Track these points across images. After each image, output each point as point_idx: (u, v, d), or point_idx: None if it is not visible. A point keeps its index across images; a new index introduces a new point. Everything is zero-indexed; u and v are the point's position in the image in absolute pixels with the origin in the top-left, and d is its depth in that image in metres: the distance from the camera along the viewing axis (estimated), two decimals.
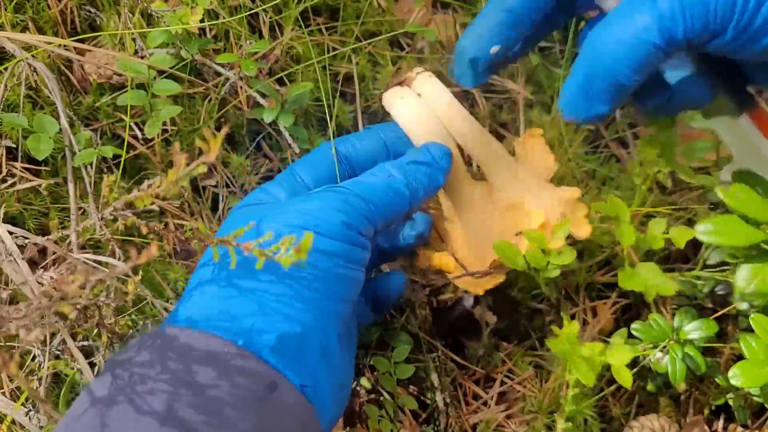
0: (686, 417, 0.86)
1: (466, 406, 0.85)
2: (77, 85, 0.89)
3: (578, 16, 0.72)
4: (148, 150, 0.86)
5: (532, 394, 0.85)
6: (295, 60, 0.94)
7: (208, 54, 0.88)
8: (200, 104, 0.88)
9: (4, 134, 0.83)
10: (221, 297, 0.55)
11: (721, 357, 0.85)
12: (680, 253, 0.95)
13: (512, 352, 0.87)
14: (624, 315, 0.90)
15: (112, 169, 0.87)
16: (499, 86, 1.04)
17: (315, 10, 0.98)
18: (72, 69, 0.89)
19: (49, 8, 0.87)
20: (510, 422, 0.84)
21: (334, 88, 0.94)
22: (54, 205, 0.83)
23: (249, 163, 0.90)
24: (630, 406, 0.87)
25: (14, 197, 0.81)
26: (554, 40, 1.02)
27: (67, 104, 0.84)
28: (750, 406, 0.81)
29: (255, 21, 0.93)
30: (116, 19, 0.89)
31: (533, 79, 1.04)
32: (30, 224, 0.82)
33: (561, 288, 0.89)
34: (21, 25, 0.87)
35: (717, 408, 0.85)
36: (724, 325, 0.86)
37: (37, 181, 0.83)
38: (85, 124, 0.87)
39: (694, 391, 0.86)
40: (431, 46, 1.02)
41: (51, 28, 0.88)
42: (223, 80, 0.88)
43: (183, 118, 0.87)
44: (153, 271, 0.82)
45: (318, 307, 0.56)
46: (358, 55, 0.98)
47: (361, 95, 0.98)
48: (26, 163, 0.84)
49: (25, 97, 0.83)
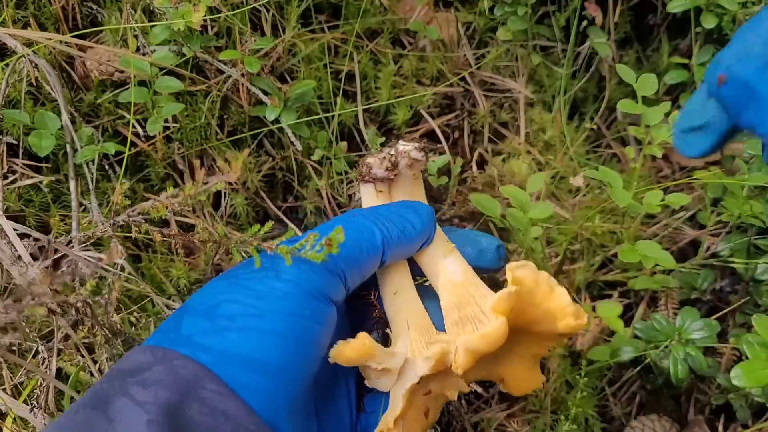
0: (687, 417, 0.86)
1: (468, 405, 0.85)
2: (79, 82, 0.88)
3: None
4: (149, 147, 0.86)
5: (533, 394, 0.85)
6: (297, 58, 0.94)
7: (210, 51, 0.88)
8: (202, 101, 0.88)
9: (6, 131, 0.83)
10: None
11: (722, 357, 0.86)
12: (680, 253, 0.96)
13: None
14: (625, 315, 0.90)
15: (114, 166, 0.86)
16: (500, 85, 1.04)
17: (317, 8, 0.98)
18: (73, 65, 0.88)
19: (51, 4, 0.87)
20: (511, 421, 0.84)
21: (336, 86, 0.94)
22: (55, 202, 0.83)
23: (251, 160, 0.90)
24: (631, 406, 0.87)
25: (15, 194, 0.81)
26: (556, 40, 1.02)
27: (68, 101, 0.83)
28: (750, 405, 0.81)
29: (257, 18, 0.93)
30: (118, 15, 0.88)
31: (534, 78, 1.04)
32: (31, 221, 0.82)
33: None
34: (22, 22, 0.86)
35: (717, 407, 0.86)
36: (725, 325, 0.86)
37: (38, 178, 0.82)
38: (87, 121, 0.86)
39: (695, 391, 0.86)
40: (433, 45, 1.02)
41: (52, 25, 0.88)
42: (225, 77, 0.88)
43: (185, 115, 0.87)
44: (155, 269, 0.82)
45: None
46: (359, 54, 0.98)
47: (362, 93, 0.98)
48: (27, 160, 0.83)
49: (27, 93, 0.83)
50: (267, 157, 0.92)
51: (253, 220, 0.91)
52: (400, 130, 0.99)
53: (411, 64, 1.00)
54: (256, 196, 0.91)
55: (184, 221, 0.87)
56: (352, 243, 0.58)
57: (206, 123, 0.88)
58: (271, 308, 0.53)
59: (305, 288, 0.55)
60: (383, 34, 1.01)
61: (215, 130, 0.89)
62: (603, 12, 0.99)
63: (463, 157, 1.00)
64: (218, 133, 0.89)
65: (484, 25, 1.03)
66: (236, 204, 0.89)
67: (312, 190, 0.92)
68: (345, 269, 0.58)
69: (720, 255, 0.87)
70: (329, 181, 0.92)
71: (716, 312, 0.87)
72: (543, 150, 1.00)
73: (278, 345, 0.52)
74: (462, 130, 1.02)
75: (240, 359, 0.51)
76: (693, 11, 0.91)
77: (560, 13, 1.00)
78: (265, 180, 0.92)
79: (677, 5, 0.91)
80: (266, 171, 0.91)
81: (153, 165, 0.88)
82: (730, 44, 0.52)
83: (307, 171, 0.93)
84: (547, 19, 1.02)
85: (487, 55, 1.04)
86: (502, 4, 0.97)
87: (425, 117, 1.00)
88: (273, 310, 0.53)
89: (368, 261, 0.59)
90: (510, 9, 0.97)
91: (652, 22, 1.08)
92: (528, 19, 0.97)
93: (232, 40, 0.89)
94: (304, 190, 0.93)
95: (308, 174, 0.93)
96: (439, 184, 0.94)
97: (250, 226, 0.91)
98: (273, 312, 0.53)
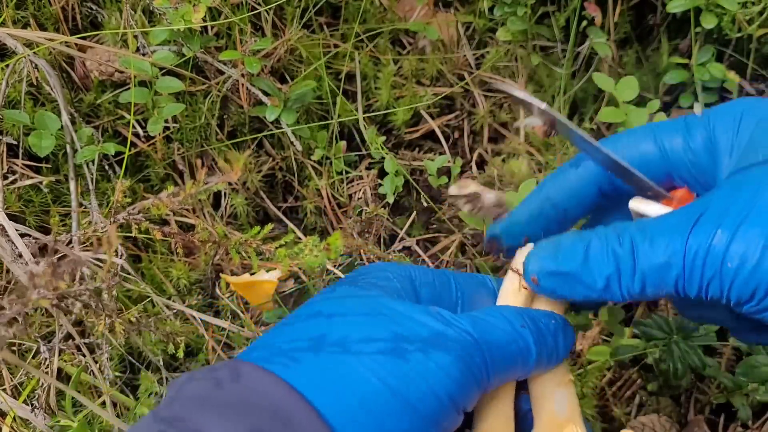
0: (687, 417, 0.86)
1: None
2: (79, 82, 0.88)
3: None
4: (149, 147, 0.86)
5: None
6: (298, 58, 0.94)
7: (210, 51, 0.88)
8: (202, 102, 0.88)
9: (6, 131, 0.83)
10: None
11: (722, 357, 0.86)
12: None
13: None
14: (624, 315, 0.90)
15: (114, 166, 0.86)
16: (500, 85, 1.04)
17: (317, 8, 0.98)
18: (73, 66, 0.88)
19: (51, 5, 0.87)
20: None
21: (336, 86, 0.94)
22: (55, 203, 0.83)
23: (251, 160, 0.90)
24: (631, 406, 0.87)
25: (15, 194, 0.81)
26: (555, 40, 1.02)
27: (68, 101, 0.83)
28: (751, 405, 0.82)
29: (257, 18, 0.93)
30: (118, 16, 0.88)
31: (534, 79, 1.04)
32: (31, 221, 0.82)
33: None
34: (22, 22, 0.86)
35: (717, 407, 0.86)
36: None
37: (38, 178, 0.82)
38: (87, 121, 0.86)
39: (695, 391, 0.86)
40: (433, 45, 1.02)
41: (52, 25, 0.88)
42: (225, 78, 0.88)
43: (185, 115, 0.87)
44: (155, 269, 0.82)
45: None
46: (359, 54, 0.98)
47: (362, 94, 0.98)
48: (27, 160, 0.83)
49: (27, 93, 0.83)
50: (267, 157, 0.92)
51: (254, 220, 0.91)
52: (400, 130, 0.99)
53: (411, 64, 1.00)
54: (256, 196, 0.91)
55: (184, 221, 0.87)
56: (502, 350, 0.48)
57: (206, 123, 0.88)
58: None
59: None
60: (383, 34, 1.01)
61: (215, 130, 0.89)
62: (603, 12, 0.99)
63: (463, 157, 1.00)
64: (218, 134, 0.89)
65: (483, 25, 1.04)
66: (236, 204, 0.89)
67: (312, 190, 0.93)
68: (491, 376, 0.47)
69: None
70: (329, 181, 0.92)
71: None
72: (543, 150, 1.00)
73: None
74: (462, 130, 1.02)
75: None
76: (693, 11, 0.91)
77: (560, 13, 1.00)
78: (265, 180, 0.92)
79: (677, 5, 0.91)
80: (266, 171, 0.91)
81: (153, 165, 0.88)
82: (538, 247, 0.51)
83: (307, 171, 0.93)
84: (547, 20, 1.02)
85: (486, 55, 1.04)
86: (501, 5, 0.97)
87: (425, 117, 1.00)
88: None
89: (512, 376, 0.50)
90: (510, 9, 0.97)
91: (652, 22, 1.08)
92: (528, 19, 0.97)
93: (233, 40, 0.89)
94: (304, 190, 0.93)
95: (308, 174, 0.93)
96: (439, 185, 0.94)
97: (250, 226, 0.91)
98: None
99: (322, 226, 0.93)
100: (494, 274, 0.88)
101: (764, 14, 0.92)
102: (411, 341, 0.44)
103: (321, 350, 0.44)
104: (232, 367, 0.43)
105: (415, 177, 0.96)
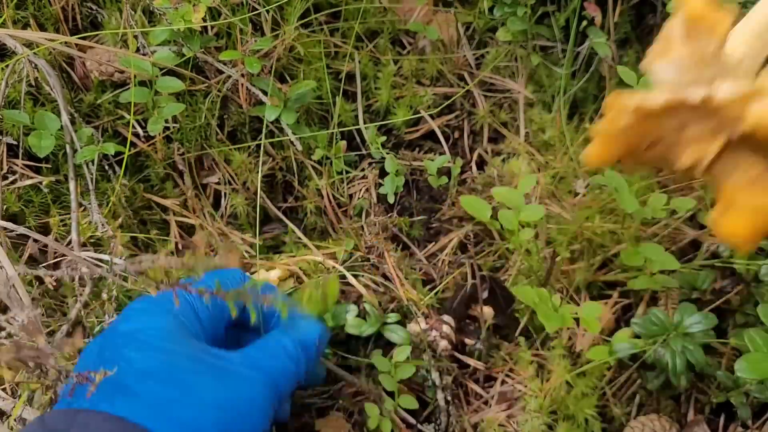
0: (687, 416, 0.86)
1: (467, 405, 0.85)
2: (78, 82, 0.88)
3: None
4: (149, 147, 0.86)
5: (533, 394, 0.85)
6: (297, 58, 0.94)
7: (209, 51, 0.88)
8: (202, 101, 0.88)
9: (6, 131, 0.83)
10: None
11: (722, 357, 0.85)
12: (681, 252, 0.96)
13: (513, 351, 0.87)
14: (625, 315, 0.90)
15: (114, 166, 0.86)
16: (500, 85, 1.04)
17: (317, 8, 0.98)
18: (73, 66, 0.89)
19: (51, 5, 0.87)
20: (511, 421, 0.84)
21: (336, 86, 0.94)
22: (55, 203, 0.83)
23: (251, 160, 0.90)
24: (630, 406, 0.86)
25: (15, 194, 0.81)
26: (555, 40, 1.02)
27: (68, 101, 0.83)
28: (751, 404, 0.81)
29: (257, 18, 0.93)
30: (118, 16, 0.88)
31: (534, 79, 1.04)
32: (31, 222, 0.81)
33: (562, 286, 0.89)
34: (22, 22, 0.86)
35: (717, 407, 0.85)
36: (725, 325, 0.86)
37: (38, 179, 0.82)
38: (87, 122, 0.86)
39: (695, 391, 0.86)
40: (433, 45, 1.02)
41: (52, 25, 0.88)
42: (225, 78, 0.88)
43: (185, 115, 0.87)
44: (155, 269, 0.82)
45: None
46: (359, 54, 0.98)
47: (362, 94, 0.98)
48: (27, 160, 0.83)
49: (27, 94, 0.83)
50: (267, 157, 0.92)
51: (253, 220, 0.91)
52: (400, 131, 0.99)
53: (411, 64, 1.00)
54: (256, 196, 0.91)
55: (185, 221, 0.87)
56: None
57: (206, 123, 0.88)
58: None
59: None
60: (383, 34, 1.01)
61: (215, 130, 0.89)
62: (603, 12, 0.99)
63: (463, 157, 1.00)
64: (218, 133, 0.89)
65: (483, 25, 1.04)
66: (236, 204, 0.89)
67: (312, 189, 0.92)
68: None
69: (720, 255, 0.87)
70: (329, 181, 0.92)
71: (717, 312, 0.87)
72: (543, 150, 1.00)
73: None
74: (462, 130, 1.02)
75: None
76: None
77: (560, 13, 1.00)
78: (265, 180, 0.92)
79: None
80: (266, 171, 0.91)
81: (153, 165, 0.88)
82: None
83: (307, 171, 0.93)
84: (547, 20, 1.02)
85: (486, 55, 1.04)
86: (501, 5, 0.97)
87: (425, 117, 1.00)
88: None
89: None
90: (509, 9, 0.97)
91: (652, 22, 1.08)
92: (527, 19, 0.97)
93: (232, 40, 0.89)
94: (304, 189, 0.93)
95: (308, 174, 0.93)
96: (439, 185, 0.94)
97: (250, 226, 0.91)
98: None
99: (322, 226, 0.93)
100: (494, 273, 0.88)
101: None
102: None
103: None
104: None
105: (415, 177, 0.96)
